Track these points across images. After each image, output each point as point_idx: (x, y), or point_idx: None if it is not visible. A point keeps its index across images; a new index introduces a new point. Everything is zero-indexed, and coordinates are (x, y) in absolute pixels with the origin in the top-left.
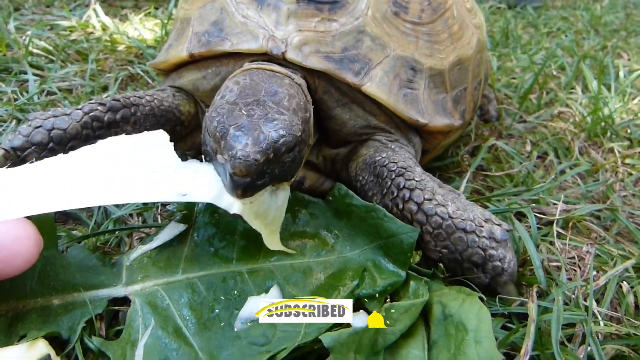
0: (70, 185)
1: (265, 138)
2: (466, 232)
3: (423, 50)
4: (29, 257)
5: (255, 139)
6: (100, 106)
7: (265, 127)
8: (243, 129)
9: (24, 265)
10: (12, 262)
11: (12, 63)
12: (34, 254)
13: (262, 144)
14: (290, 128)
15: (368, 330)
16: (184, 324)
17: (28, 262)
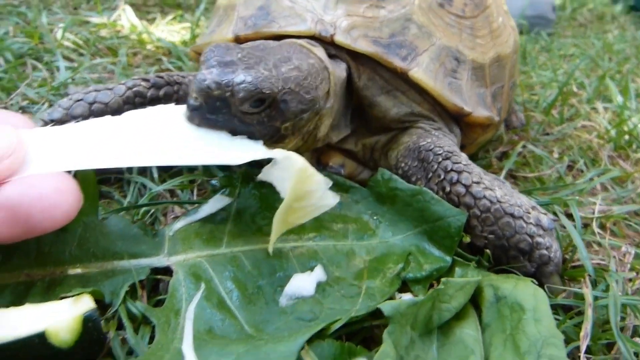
0: (115, 144)
1: (232, 77)
2: (514, 218)
3: (466, 43)
4: (68, 209)
5: (222, 73)
6: (143, 82)
7: (241, 71)
8: (221, 63)
9: (63, 219)
10: (51, 214)
11: (44, 53)
12: (73, 207)
13: (224, 78)
14: (260, 82)
15: (425, 304)
16: (228, 297)
17: (67, 215)
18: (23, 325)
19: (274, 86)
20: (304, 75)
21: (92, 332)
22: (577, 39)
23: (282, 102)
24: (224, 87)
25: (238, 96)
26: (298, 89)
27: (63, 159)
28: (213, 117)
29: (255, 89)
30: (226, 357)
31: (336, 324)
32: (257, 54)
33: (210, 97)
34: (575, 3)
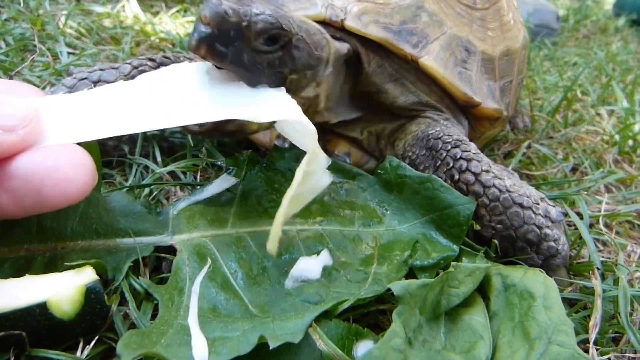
0: (133, 109)
1: (249, 6)
2: (523, 208)
3: (477, 34)
4: (82, 185)
5: (238, 2)
6: (149, 61)
7: (259, 5)
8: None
9: (77, 195)
10: (65, 189)
11: (46, 39)
12: (88, 183)
13: (241, 6)
14: (279, 17)
15: (434, 287)
16: (232, 277)
17: (81, 191)
18: (24, 295)
19: (291, 25)
20: (313, 31)
21: (95, 304)
22: (581, 49)
23: (294, 48)
24: (241, 14)
25: (255, 27)
26: (309, 40)
27: (79, 128)
28: (222, 49)
29: (274, 22)
30: (232, 333)
31: (344, 304)
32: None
33: (224, 24)
34: (579, 15)
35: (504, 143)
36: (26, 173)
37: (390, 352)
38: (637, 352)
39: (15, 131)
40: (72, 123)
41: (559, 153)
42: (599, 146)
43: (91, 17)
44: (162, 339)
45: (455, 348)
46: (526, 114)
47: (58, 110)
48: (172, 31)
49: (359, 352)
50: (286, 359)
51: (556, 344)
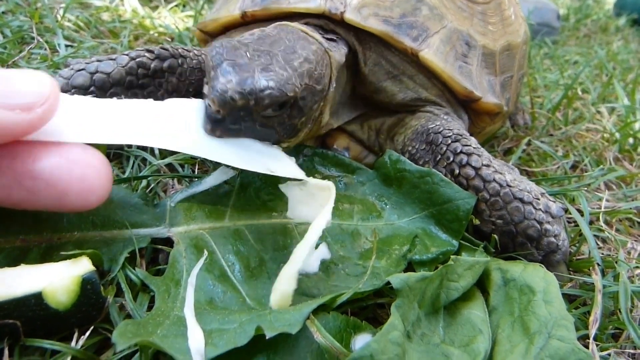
0: (135, 121)
1: (252, 83)
2: (523, 203)
3: (477, 28)
4: (102, 194)
5: (242, 80)
6: (148, 53)
7: (259, 74)
8: (235, 67)
9: (96, 203)
10: (87, 197)
11: (44, 32)
12: (108, 191)
13: (245, 86)
14: (283, 85)
15: (433, 280)
16: (230, 270)
17: (101, 199)
18: (19, 285)
19: (295, 87)
20: (314, 65)
21: (91, 294)
22: (581, 48)
23: (301, 100)
24: (247, 96)
25: (262, 103)
26: (312, 83)
27: (94, 130)
28: (236, 127)
29: (280, 94)
30: (228, 325)
31: (341, 297)
32: (263, 49)
33: (233, 107)
34: (579, 14)
35: (504, 139)
36: (52, 177)
37: (389, 345)
38: (637, 348)
39: (33, 109)
40: (86, 124)
41: (559, 150)
42: (599, 144)
43: (89, 10)
44: (158, 329)
45: (454, 342)
46: (526, 111)
47: (73, 108)
48: (170, 25)
49: (357, 344)
50: (283, 352)
51: (556, 339)
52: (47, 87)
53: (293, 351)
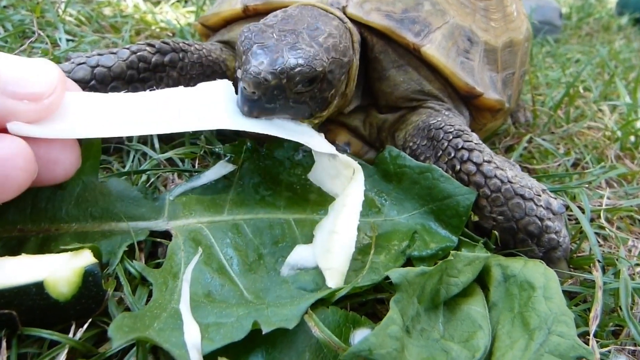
0: (128, 114)
1: (283, 62)
2: (525, 199)
3: (479, 24)
4: (69, 168)
5: (273, 60)
6: (149, 47)
7: (288, 52)
8: (265, 49)
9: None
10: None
11: (46, 26)
12: (74, 165)
13: (277, 66)
14: (312, 60)
15: (433, 275)
16: (228, 263)
17: (67, 173)
18: (21, 274)
19: (324, 62)
20: (338, 39)
21: (92, 287)
22: (583, 46)
23: (329, 73)
24: (279, 75)
25: (294, 80)
26: (338, 55)
27: (98, 123)
28: (271, 106)
29: (310, 70)
30: (226, 319)
31: (340, 292)
32: (288, 28)
33: (268, 87)
34: (582, 13)
35: (505, 137)
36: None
37: (387, 340)
38: (637, 345)
39: (41, 100)
40: (91, 117)
41: (561, 148)
42: (600, 142)
43: (91, 5)
44: (155, 322)
45: (453, 337)
46: (528, 108)
47: (77, 103)
48: (172, 21)
49: (356, 339)
50: (281, 347)
51: (556, 335)
52: (55, 77)
53: (291, 346)
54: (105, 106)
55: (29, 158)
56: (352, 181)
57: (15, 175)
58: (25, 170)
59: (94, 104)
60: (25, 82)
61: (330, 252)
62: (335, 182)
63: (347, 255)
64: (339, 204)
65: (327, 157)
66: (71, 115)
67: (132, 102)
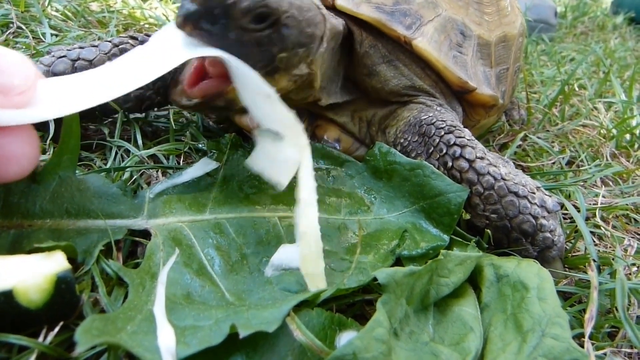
0: (113, 76)
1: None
2: (518, 197)
3: (473, 18)
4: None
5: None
6: (131, 39)
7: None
8: None
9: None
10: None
11: (30, 21)
12: (33, 160)
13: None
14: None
15: (422, 275)
16: (209, 264)
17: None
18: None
19: (281, 3)
20: (307, 6)
21: (65, 294)
22: (578, 45)
23: (284, 26)
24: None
25: (241, 5)
26: (300, 17)
27: (64, 101)
28: (207, 27)
29: (263, 3)
30: (203, 321)
31: (325, 293)
32: None
33: (210, 1)
34: (577, 12)
35: (499, 134)
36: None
37: (373, 343)
38: (634, 347)
39: (11, 94)
40: (57, 97)
41: (555, 146)
42: (595, 140)
43: (78, 0)
44: (128, 325)
45: (444, 340)
46: (522, 106)
47: (43, 86)
48: (161, 16)
49: (342, 342)
50: (263, 350)
51: (550, 337)
52: (31, 73)
53: (273, 349)
54: (69, 85)
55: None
56: (301, 167)
57: None
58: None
59: (59, 85)
60: (2, 72)
61: (303, 256)
62: (279, 168)
63: (317, 255)
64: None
65: (272, 137)
66: (37, 100)
67: (94, 75)
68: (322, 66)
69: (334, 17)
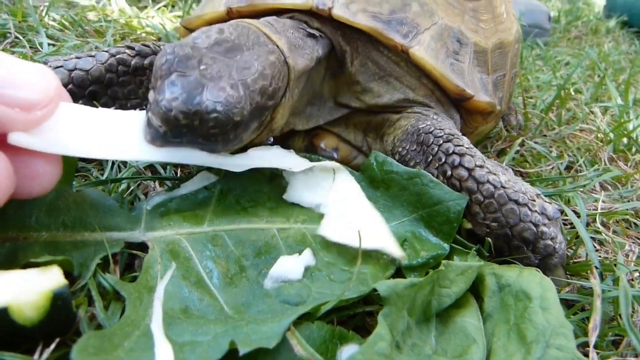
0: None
1: (199, 103)
2: (519, 205)
3: (469, 25)
4: (49, 181)
5: (189, 98)
6: (128, 49)
7: (208, 92)
8: (184, 82)
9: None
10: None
11: (27, 31)
12: (54, 178)
13: (191, 106)
14: (232, 108)
15: (424, 287)
16: (207, 277)
17: (47, 188)
18: None
19: (244, 110)
20: (268, 82)
21: (61, 311)
22: (573, 49)
23: (248, 118)
24: (192, 116)
25: (207, 125)
26: (264, 100)
27: (72, 141)
28: (177, 140)
29: (227, 119)
30: (202, 337)
31: (325, 306)
32: (219, 57)
33: (177, 126)
34: (570, 16)
35: (497, 140)
36: None
37: (375, 357)
38: (638, 355)
39: (33, 110)
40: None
41: (553, 151)
42: (593, 144)
43: (75, 9)
44: (125, 342)
45: (447, 352)
46: (519, 111)
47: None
48: (158, 25)
49: (343, 356)
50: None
51: (554, 348)
52: (53, 87)
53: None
54: (91, 122)
55: (8, 173)
56: (337, 179)
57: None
58: (2, 188)
59: (81, 118)
60: (22, 87)
61: (372, 231)
62: (317, 192)
63: (386, 227)
64: (337, 198)
65: (304, 171)
66: (64, 128)
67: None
68: (286, 108)
69: (308, 49)
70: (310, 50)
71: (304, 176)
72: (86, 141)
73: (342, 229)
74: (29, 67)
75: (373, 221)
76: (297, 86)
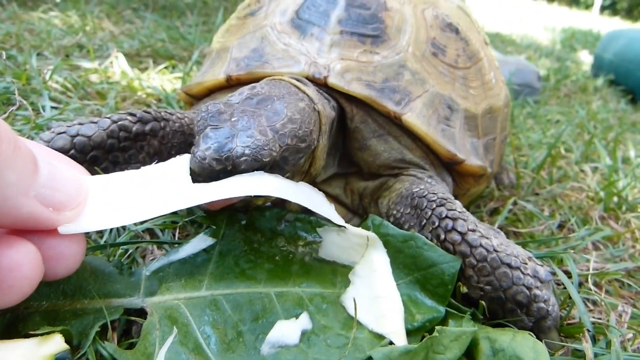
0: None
1: (229, 150)
2: (511, 268)
3: (459, 92)
4: (75, 263)
5: (220, 146)
6: (130, 116)
7: (238, 139)
8: (217, 133)
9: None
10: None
11: (31, 93)
12: (79, 259)
13: (222, 153)
14: (259, 151)
15: (418, 354)
16: (205, 343)
17: (72, 269)
18: None
19: (272, 151)
20: (298, 125)
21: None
22: (562, 107)
23: (281, 159)
24: (224, 162)
25: (239, 168)
26: (295, 142)
27: (111, 212)
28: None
29: (256, 161)
30: None
31: None
32: (249, 109)
33: (212, 172)
34: (559, 75)
35: (490, 200)
36: None
37: None
38: None
39: (63, 211)
40: (104, 207)
41: (545, 210)
42: (584, 203)
43: (78, 72)
44: None
45: None
46: (511, 170)
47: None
48: (158, 87)
49: None
50: None
51: None
52: (83, 191)
53: None
54: (114, 190)
55: (37, 264)
56: (370, 247)
57: (20, 284)
58: (31, 279)
59: (118, 186)
60: (59, 189)
61: (386, 316)
62: (350, 252)
63: (401, 315)
64: (366, 270)
65: (336, 231)
66: (108, 200)
67: (132, 186)
68: (321, 154)
69: (325, 97)
70: (328, 102)
71: (337, 236)
72: (135, 205)
73: (361, 306)
74: (66, 166)
75: (392, 307)
76: (326, 133)
